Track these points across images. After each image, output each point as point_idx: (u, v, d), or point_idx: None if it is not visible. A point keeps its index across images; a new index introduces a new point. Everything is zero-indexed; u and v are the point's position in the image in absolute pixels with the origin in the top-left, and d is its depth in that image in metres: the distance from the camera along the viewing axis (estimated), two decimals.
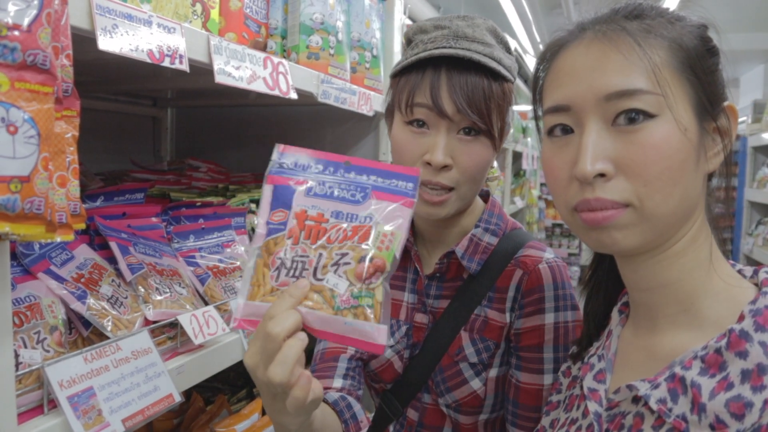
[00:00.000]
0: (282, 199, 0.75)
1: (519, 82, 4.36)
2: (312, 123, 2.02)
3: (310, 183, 0.76)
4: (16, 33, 0.53)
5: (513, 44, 1.04)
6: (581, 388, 0.81)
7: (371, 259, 0.73)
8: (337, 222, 0.74)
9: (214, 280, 1.23)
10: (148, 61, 0.86)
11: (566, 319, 1.01)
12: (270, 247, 0.74)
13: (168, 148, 2.16)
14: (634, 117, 0.66)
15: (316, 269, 0.72)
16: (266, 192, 0.75)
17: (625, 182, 0.66)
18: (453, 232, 1.11)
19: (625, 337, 0.80)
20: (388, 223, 0.75)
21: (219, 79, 1.02)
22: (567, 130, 0.71)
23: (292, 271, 0.73)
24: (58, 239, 0.61)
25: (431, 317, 1.10)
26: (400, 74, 1.02)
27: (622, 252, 0.71)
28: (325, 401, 1.02)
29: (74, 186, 0.66)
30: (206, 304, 1.18)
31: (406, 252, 1.15)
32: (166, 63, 0.90)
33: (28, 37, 0.54)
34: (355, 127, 1.95)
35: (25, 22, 0.54)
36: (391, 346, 1.12)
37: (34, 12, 0.55)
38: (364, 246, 0.73)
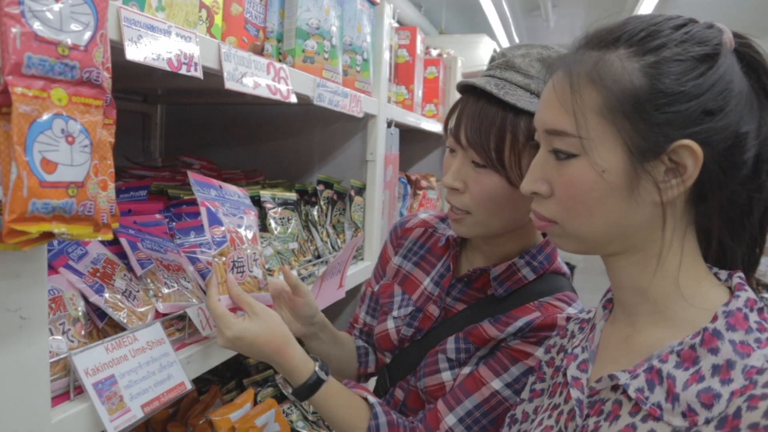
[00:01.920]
0: (214, 218, 1.05)
1: None
2: (301, 123, 2.08)
3: (219, 205, 1.08)
4: (76, 52, 0.59)
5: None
6: (564, 376, 0.87)
7: (263, 255, 1.17)
8: (242, 231, 1.10)
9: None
10: (168, 69, 0.92)
11: None
12: (223, 252, 1.05)
13: (157, 144, 2.20)
14: (559, 154, 0.75)
15: (248, 265, 1.10)
16: (203, 213, 1.04)
17: (554, 203, 0.78)
18: (495, 251, 1.13)
19: (607, 331, 0.86)
20: (256, 228, 1.16)
21: (229, 85, 1.07)
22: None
23: (239, 270, 1.08)
24: (100, 238, 0.67)
25: (443, 313, 1.16)
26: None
27: (570, 252, 0.82)
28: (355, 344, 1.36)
29: (111, 189, 0.72)
30: None
31: (447, 245, 1.21)
32: (183, 71, 0.96)
33: (85, 56, 0.60)
34: (343, 127, 2.02)
35: (83, 42, 0.60)
36: (394, 318, 1.20)
37: (90, 33, 0.60)
38: (259, 246, 1.15)
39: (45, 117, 0.57)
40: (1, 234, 0.61)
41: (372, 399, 1.09)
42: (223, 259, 1.05)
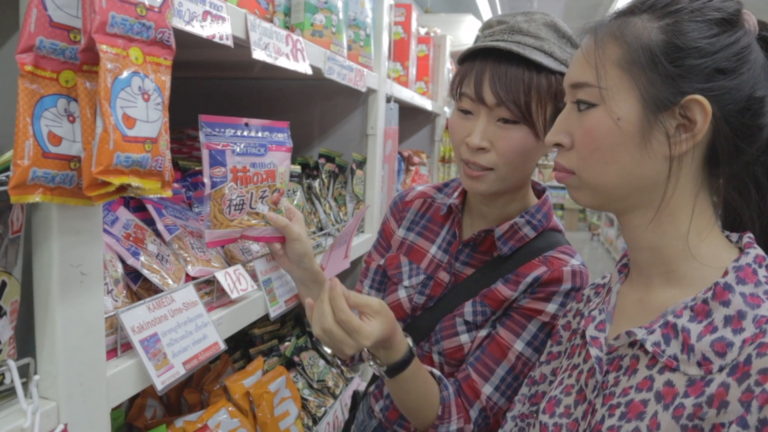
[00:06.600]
0: (217, 160, 1.08)
1: None
2: (301, 97, 2.09)
3: (232, 146, 1.10)
4: (152, 13, 0.62)
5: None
6: (582, 337, 0.91)
7: (278, 191, 1.20)
8: (255, 170, 1.14)
9: (232, 242, 1.31)
10: (204, 37, 0.94)
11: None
12: (220, 192, 1.09)
13: None
14: (581, 105, 0.80)
15: (251, 202, 1.14)
16: (205, 155, 1.07)
17: (574, 154, 0.82)
18: (496, 213, 1.19)
19: (623, 293, 0.91)
20: (281, 165, 1.19)
21: (256, 54, 1.10)
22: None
23: (237, 207, 1.12)
24: (165, 194, 0.70)
25: (453, 279, 1.21)
26: (459, 64, 1.11)
27: (585, 206, 0.86)
28: None
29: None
30: (228, 264, 1.27)
31: (449, 212, 1.26)
32: (216, 39, 0.98)
33: (160, 17, 0.63)
34: (343, 102, 2.04)
35: (158, 3, 0.62)
36: (406, 287, 1.24)
37: None
38: (272, 183, 1.18)
39: (125, 74, 0.60)
40: (76, 188, 0.64)
41: (436, 372, 1.15)
42: (220, 199, 1.09)
